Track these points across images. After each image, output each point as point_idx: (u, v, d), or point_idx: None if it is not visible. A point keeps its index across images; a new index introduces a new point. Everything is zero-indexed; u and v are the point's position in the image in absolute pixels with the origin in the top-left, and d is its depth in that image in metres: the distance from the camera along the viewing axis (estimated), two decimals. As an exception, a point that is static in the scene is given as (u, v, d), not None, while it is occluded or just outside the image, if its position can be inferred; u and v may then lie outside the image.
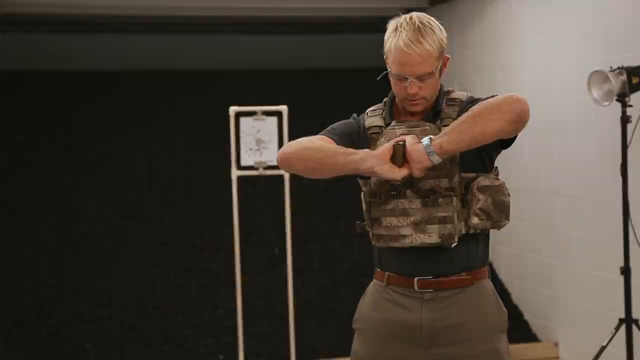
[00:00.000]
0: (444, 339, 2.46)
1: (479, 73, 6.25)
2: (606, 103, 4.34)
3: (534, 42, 5.56)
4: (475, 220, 2.42)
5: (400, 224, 2.42)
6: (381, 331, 2.52)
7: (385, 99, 2.59)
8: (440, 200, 2.40)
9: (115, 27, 7.36)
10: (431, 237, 2.41)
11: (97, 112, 7.23)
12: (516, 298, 5.94)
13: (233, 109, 4.99)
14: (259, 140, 5.00)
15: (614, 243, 4.70)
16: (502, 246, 6.04)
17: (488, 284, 2.55)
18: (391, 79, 2.47)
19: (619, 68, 4.27)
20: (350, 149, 2.39)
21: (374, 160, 2.32)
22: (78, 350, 5.36)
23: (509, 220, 2.48)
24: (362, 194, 2.55)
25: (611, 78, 4.24)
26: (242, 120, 5.03)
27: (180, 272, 6.04)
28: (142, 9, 6.81)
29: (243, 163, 5.03)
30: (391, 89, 2.53)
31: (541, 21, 5.45)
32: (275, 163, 4.95)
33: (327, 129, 2.57)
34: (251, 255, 5.80)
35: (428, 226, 2.40)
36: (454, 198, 2.40)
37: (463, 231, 2.43)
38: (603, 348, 4.35)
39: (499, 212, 2.44)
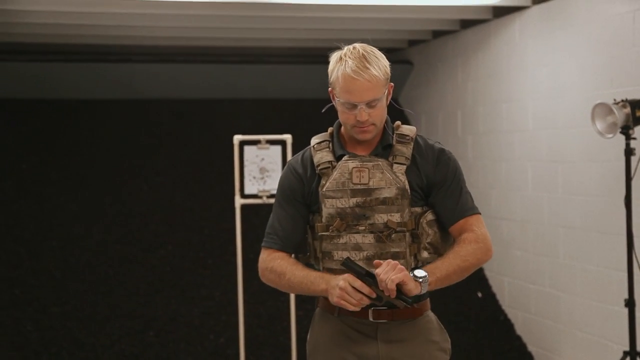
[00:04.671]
0: None
1: (482, 104, 6.26)
2: (610, 135, 4.34)
3: (537, 73, 5.58)
4: (425, 254, 2.48)
5: (352, 259, 2.43)
6: None
7: (330, 129, 2.60)
8: (393, 235, 2.44)
9: (121, 56, 7.40)
10: None
11: (101, 141, 7.25)
12: (520, 329, 5.92)
13: (237, 138, 5.01)
14: (263, 168, 5.02)
15: (618, 275, 4.69)
16: (505, 277, 6.02)
17: (432, 314, 2.62)
18: (339, 108, 2.48)
19: (622, 101, 4.28)
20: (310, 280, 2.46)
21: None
22: (79, 378, 5.35)
23: None
24: (309, 227, 2.55)
25: (615, 111, 4.24)
26: (246, 148, 5.05)
27: (183, 299, 6.03)
28: (149, 39, 6.86)
29: (247, 191, 5.04)
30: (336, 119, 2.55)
31: (545, 53, 5.48)
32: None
33: (270, 226, 2.57)
34: (254, 283, 5.77)
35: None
36: (407, 233, 2.45)
37: (412, 265, 2.46)
38: (607, 381, 4.33)
39: (445, 245, 2.51)
